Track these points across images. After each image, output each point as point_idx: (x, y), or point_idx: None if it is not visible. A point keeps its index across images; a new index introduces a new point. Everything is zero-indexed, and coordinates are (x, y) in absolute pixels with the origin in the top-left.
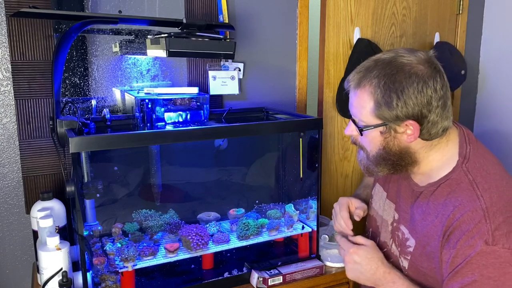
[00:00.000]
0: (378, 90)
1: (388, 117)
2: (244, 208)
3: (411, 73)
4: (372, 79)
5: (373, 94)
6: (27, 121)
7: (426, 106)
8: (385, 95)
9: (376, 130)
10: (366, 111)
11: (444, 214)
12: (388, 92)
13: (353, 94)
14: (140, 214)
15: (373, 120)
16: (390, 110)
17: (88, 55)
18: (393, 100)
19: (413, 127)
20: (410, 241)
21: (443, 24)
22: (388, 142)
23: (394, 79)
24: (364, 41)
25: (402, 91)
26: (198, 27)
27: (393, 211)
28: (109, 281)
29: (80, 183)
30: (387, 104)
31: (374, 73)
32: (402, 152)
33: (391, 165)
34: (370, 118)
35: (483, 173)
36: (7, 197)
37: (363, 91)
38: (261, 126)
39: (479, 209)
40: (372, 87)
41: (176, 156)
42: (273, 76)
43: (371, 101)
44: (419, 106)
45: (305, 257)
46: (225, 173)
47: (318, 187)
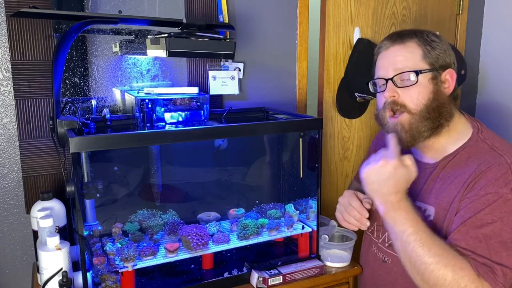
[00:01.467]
0: (424, 40)
1: (437, 63)
2: (244, 208)
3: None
4: (414, 34)
5: (420, 44)
6: (27, 121)
7: (455, 60)
8: (432, 43)
9: (427, 77)
10: (416, 59)
11: (466, 172)
12: (431, 42)
13: (397, 48)
14: (140, 214)
15: (424, 66)
16: (439, 54)
17: (88, 55)
18: (439, 47)
19: (452, 75)
20: (428, 211)
21: (443, 24)
22: (438, 89)
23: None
24: (364, 41)
25: (441, 42)
26: (198, 27)
27: None
28: (109, 281)
29: (80, 183)
30: (434, 49)
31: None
32: (446, 101)
33: (436, 117)
34: (422, 64)
35: (499, 141)
36: (7, 197)
37: (411, 42)
38: (261, 126)
39: (504, 163)
40: (417, 38)
41: (176, 156)
42: (273, 76)
43: (419, 49)
44: (452, 58)
45: (305, 257)
46: (225, 173)
47: (318, 187)
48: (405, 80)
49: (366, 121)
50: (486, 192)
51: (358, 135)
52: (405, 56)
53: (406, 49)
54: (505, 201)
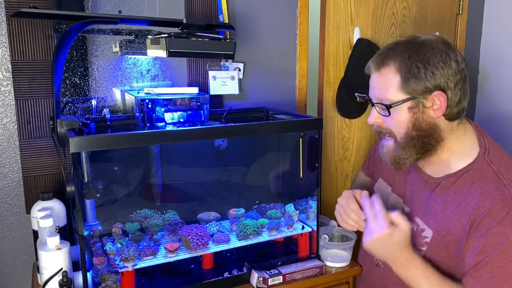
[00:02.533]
0: (403, 64)
1: (417, 89)
2: (244, 208)
3: (433, 47)
4: (396, 56)
5: (398, 69)
6: (27, 121)
7: (452, 76)
8: (412, 67)
9: (404, 106)
10: (392, 88)
11: (470, 203)
12: (415, 64)
13: (375, 76)
14: (140, 214)
15: (401, 96)
16: (418, 81)
17: (88, 55)
18: (421, 71)
19: (441, 98)
20: (426, 232)
21: (443, 24)
22: (417, 118)
23: (419, 52)
24: (364, 41)
25: (428, 61)
26: (198, 27)
27: (401, 204)
28: (109, 281)
29: (80, 183)
30: (414, 76)
31: (396, 51)
32: (431, 128)
33: (420, 145)
34: (398, 94)
35: (505, 165)
36: (7, 197)
37: (387, 69)
38: (261, 126)
39: (509, 198)
40: (398, 63)
41: (176, 156)
42: (273, 76)
43: (397, 77)
44: (445, 76)
45: (305, 257)
46: (225, 173)
47: (318, 187)
48: (381, 110)
49: (366, 121)
50: (493, 234)
51: (358, 135)
52: (380, 86)
53: (381, 78)
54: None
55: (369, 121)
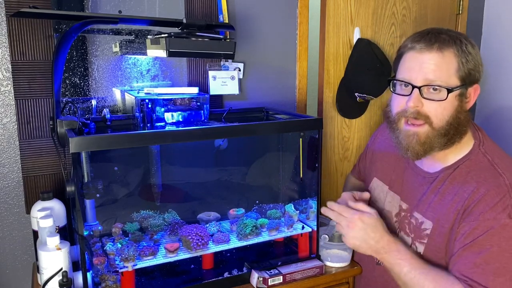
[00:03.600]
0: (461, 51)
1: (468, 78)
2: (244, 208)
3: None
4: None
5: (457, 55)
6: (27, 121)
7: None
8: (468, 56)
9: (455, 93)
10: (450, 72)
11: (466, 190)
12: (470, 54)
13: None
14: (140, 214)
15: (456, 82)
16: (471, 70)
17: (88, 55)
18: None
19: (476, 91)
20: (426, 224)
21: (443, 24)
22: (461, 107)
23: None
24: (364, 41)
25: (476, 54)
26: (198, 27)
27: (398, 202)
28: (109, 281)
29: (80, 183)
30: (468, 64)
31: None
32: (465, 119)
33: (451, 135)
34: (454, 79)
35: (499, 155)
36: (7, 197)
37: (448, 51)
38: (261, 126)
39: (503, 185)
40: (456, 48)
41: (176, 156)
42: (273, 76)
43: (455, 62)
44: (482, 71)
45: (305, 257)
46: (225, 173)
47: (318, 187)
48: (434, 93)
49: (366, 121)
50: (485, 218)
51: (358, 135)
52: (440, 67)
53: (443, 59)
54: (503, 227)
55: (411, 103)
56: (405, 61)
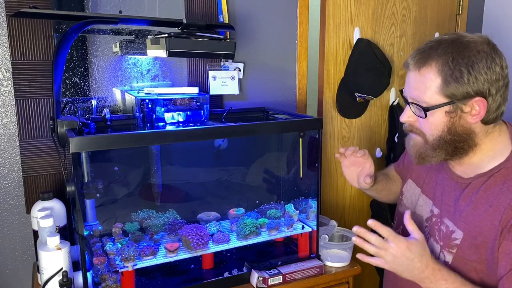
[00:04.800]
0: (446, 66)
1: (457, 94)
2: (244, 208)
3: (479, 50)
4: (439, 57)
5: (440, 71)
6: (28, 121)
7: (495, 83)
8: (455, 71)
9: (442, 110)
10: (431, 90)
11: (502, 203)
12: (458, 67)
13: (414, 75)
14: (140, 214)
15: (439, 99)
16: (460, 85)
17: (88, 55)
18: (464, 75)
19: (480, 104)
20: (456, 233)
21: (443, 24)
22: (453, 122)
23: (463, 55)
24: (364, 41)
25: (472, 66)
26: (198, 27)
27: (430, 206)
28: (109, 281)
29: (80, 183)
30: (456, 80)
31: (440, 51)
32: (466, 133)
33: (452, 149)
34: (436, 97)
35: None
36: (7, 197)
37: (428, 69)
38: (261, 126)
39: None
40: (440, 64)
41: (176, 156)
42: (273, 76)
43: (438, 79)
44: (489, 82)
45: (305, 257)
46: (225, 173)
47: (318, 187)
48: (417, 110)
49: (366, 121)
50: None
51: (358, 135)
52: (418, 86)
53: (421, 78)
54: None
55: (402, 119)
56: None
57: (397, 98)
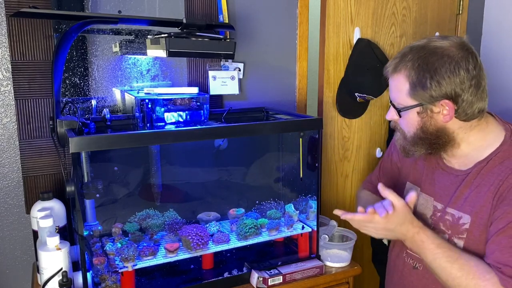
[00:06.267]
0: (412, 72)
1: (424, 98)
2: (244, 208)
3: (444, 55)
4: (407, 63)
5: (408, 77)
6: (27, 121)
7: (459, 85)
8: (419, 76)
9: (413, 111)
10: (402, 93)
11: (498, 178)
12: (422, 73)
13: (391, 79)
14: (140, 214)
15: (410, 102)
16: (424, 90)
17: (88, 55)
18: (427, 81)
19: (448, 106)
20: (463, 219)
21: (443, 24)
22: (425, 122)
23: (427, 61)
24: (364, 41)
25: (435, 71)
26: (198, 27)
27: (432, 203)
28: (109, 281)
29: (80, 183)
30: (421, 85)
31: (408, 57)
32: (438, 131)
33: (428, 145)
34: (407, 99)
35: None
36: (7, 197)
37: (399, 75)
38: (261, 126)
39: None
40: (407, 70)
41: (176, 156)
42: (273, 76)
43: (406, 83)
44: (452, 85)
45: (305, 257)
46: (225, 173)
47: (318, 187)
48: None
49: (366, 121)
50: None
51: (358, 135)
52: (393, 90)
53: (394, 82)
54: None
55: (387, 117)
56: None
57: None
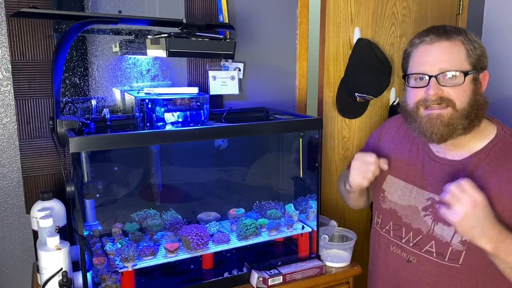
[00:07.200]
0: (467, 39)
1: (478, 64)
2: (244, 208)
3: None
4: (459, 32)
5: (464, 43)
6: (27, 121)
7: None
8: (474, 44)
9: (469, 78)
10: (461, 58)
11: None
12: (473, 42)
13: (445, 44)
14: (140, 214)
15: (468, 67)
16: (480, 57)
17: (88, 55)
18: (478, 49)
19: (486, 77)
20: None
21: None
22: (477, 90)
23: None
24: (364, 41)
25: (479, 44)
26: (198, 27)
27: (426, 194)
28: (109, 281)
29: (80, 183)
30: (476, 50)
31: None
32: (483, 102)
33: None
34: (466, 65)
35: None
36: (7, 197)
37: (455, 40)
38: (261, 126)
39: None
40: (462, 37)
41: (176, 156)
42: (273, 76)
43: (464, 49)
44: (487, 60)
45: (305, 257)
46: (225, 173)
47: (318, 187)
48: (451, 79)
49: (366, 121)
50: None
51: (358, 135)
52: (451, 54)
53: (453, 47)
54: None
55: (431, 92)
56: (416, 55)
57: (397, 98)
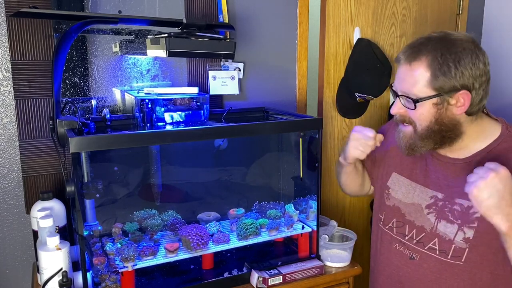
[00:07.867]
0: (435, 61)
1: (445, 87)
2: (244, 208)
3: (464, 47)
4: (429, 52)
5: (430, 66)
6: (27, 121)
7: (478, 78)
8: (443, 65)
9: (430, 102)
10: (420, 84)
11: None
12: (447, 62)
13: (405, 68)
14: (140, 214)
15: (428, 92)
16: (448, 79)
17: (88, 55)
18: (452, 70)
19: (465, 97)
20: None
21: (443, 24)
22: (440, 113)
23: (451, 51)
24: (364, 41)
25: (459, 61)
26: (198, 27)
27: (428, 193)
28: (109, 281)
29: (80, 183)
30: (445, 74)
31: (429, 47)
32: (452, 123)
33: (439, 138)
34: (425, 90)
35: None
36: (7, 197)
37: (418, 63)
38: (261, 126)
39: None
40: (429, 59)
41: (176, 156)
42: (273, 76)
43: (427, 72)
44: (473, 77)
45: (305, 257)
46: (225, 173)
47: (318, 187)
48: (407, 102)
49: (366, 121)
50: None
51: None
52: (408, 80)
53: (412, 72)
54: None
55: (393, 111)
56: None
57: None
